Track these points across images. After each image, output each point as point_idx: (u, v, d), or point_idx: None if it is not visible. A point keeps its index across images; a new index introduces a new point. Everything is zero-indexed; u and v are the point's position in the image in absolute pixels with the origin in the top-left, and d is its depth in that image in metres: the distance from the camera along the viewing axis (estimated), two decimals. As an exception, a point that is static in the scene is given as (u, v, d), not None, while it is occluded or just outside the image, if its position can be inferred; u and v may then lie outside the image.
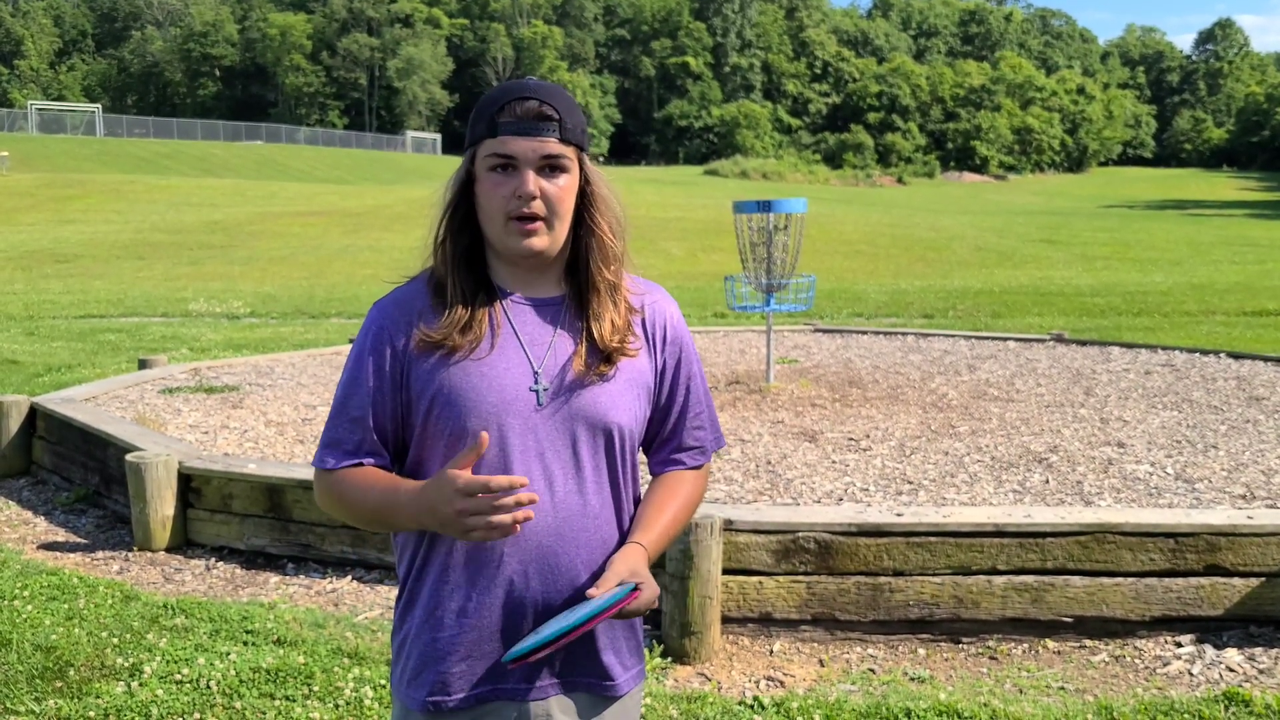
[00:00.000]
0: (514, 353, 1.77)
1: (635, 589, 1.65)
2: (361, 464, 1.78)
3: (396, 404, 1.77)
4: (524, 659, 1.61)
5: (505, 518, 1.55)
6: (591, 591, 1.65)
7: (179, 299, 20.19)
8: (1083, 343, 11.89)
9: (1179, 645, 4.25)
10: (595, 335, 1.80)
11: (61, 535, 5.91)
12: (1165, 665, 4.10)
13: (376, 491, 1.73)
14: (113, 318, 17.55)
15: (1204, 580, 4.30)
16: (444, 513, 1.58)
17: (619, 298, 1.84)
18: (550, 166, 1.72)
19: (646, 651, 4.16)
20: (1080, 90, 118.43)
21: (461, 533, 1.59)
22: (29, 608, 4.65)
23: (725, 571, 4.28)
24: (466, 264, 1.79)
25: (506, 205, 1.71)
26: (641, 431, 1.88)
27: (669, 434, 1.92)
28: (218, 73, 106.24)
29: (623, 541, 1.82)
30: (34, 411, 7.28)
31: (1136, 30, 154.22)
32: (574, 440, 1.76)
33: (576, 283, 1.84)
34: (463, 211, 1.79)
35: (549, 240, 1.75)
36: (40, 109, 78.10)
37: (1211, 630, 4.31)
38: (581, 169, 1.79)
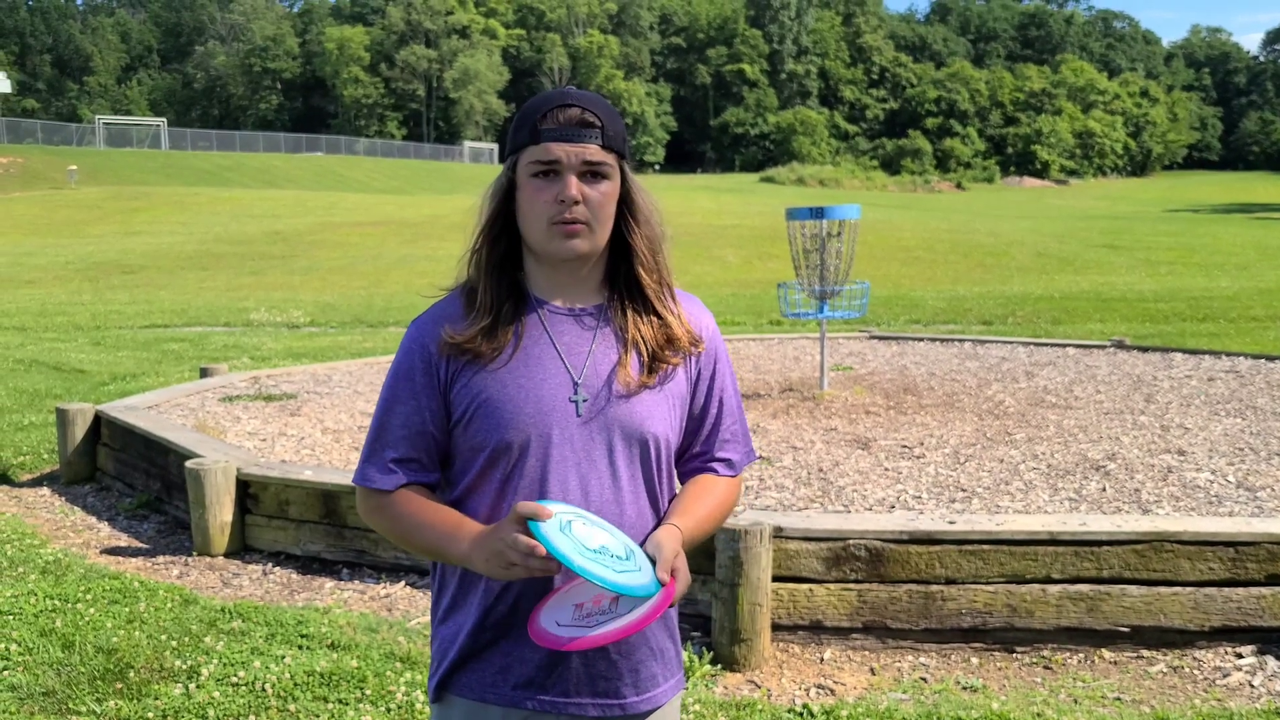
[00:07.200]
0: (551, 362, 1.76)
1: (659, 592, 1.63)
2: (407, 484, 1.78)
3: (441, 417, 1.77)
4: (557, 642, 1.60)
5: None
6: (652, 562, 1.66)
7: (241, 309, 20.51)
8: (1144, 349, 11.69)
9: (1239, 656, 4.16)
10: (639, 344, 1.79)
11: (124, 540, 6.04)
12: (1225, 676, 4.03)
13: (430, 529, 1.74)
14: (176, 327, 17.89)
15: (1265, 590, 4.21)
16: (498, 560, 1.61)
17: (661, 306, 1.83)
18: (592, 173, 1.72)
19: (695, 658, 4.16)
20: (1144, 93, 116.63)
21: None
22: (91, 610, 4.75)
23: (775, 579, 4.27)
24: (499, 271, 1.79)
25: (549, 210, 1.71)
26: (678, 441, 1.87)
27: (700, 445, 1.90)
28: (279, 86, 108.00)
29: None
30: (99, 419, 7.45)
31: (1201, 31, 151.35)
32: (610, 450, 1.75)
33: (617, 291, 1.83)
34: (502, 219, 1.79)
35: (591, 244, 1.75)
36: (107, 123, 79.74)
37: (1274, 641, 4.22)
38: (623, 176, 1.78)
